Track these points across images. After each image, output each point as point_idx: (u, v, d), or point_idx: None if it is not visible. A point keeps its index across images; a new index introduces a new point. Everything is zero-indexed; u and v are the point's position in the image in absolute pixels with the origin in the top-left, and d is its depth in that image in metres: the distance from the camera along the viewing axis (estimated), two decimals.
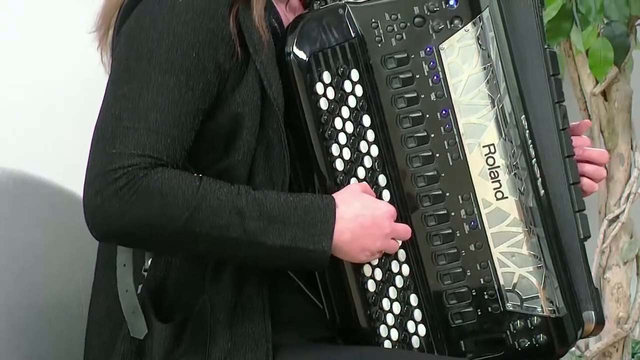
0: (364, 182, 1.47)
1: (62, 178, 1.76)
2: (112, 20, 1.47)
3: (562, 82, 2.71)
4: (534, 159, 1.53)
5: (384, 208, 1.46)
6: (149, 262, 1.47)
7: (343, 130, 1.46)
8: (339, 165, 1.46)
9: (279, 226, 1.39)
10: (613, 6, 2.62)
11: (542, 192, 1.54)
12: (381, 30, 1.46)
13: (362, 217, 1.43)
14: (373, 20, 1.45)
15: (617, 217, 2.78)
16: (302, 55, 1.44)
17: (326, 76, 1.45)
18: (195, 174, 1.40)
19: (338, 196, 1.44)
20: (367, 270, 1.47)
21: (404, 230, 1.47)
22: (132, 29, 1.41)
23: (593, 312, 1.61)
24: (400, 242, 1.48)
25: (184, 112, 1.38)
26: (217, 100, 1.42)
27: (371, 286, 1.47)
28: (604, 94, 2.80)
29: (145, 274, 1.47)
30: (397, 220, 1.47)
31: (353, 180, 1.47)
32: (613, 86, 2.79)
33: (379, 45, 1.46)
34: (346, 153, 1.46)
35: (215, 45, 1.39)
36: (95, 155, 1.38)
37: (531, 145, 1.53)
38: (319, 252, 1.40)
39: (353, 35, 1.46)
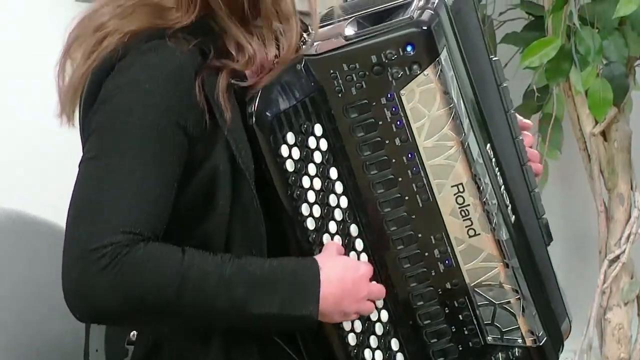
0: (337, 243, 1.48)
1: (61, 217, 1.78)
2: (75, 102, 1.47)
3: (562, 122, 2.77)
4: (502, 187, 1.55)
5: (363, 269, 1.47)
6: (133, 335, 1.47)
7: (311, 187, 1.47)
8: (310, 224, 1.47)
9: (265, 293, 1.39)
10: (612, 47, 2.65)
11: (512, 218, 1.56)
12: (340, 81, 1.45)
13: (343, 280, 1.44)
14: (331, 71, 1.45)
15: (618, 257, 2.78)
16: (264, 120, 1.43)
17: (290, 137, 1.45)
18: (177, 246, 1.38)
19: (319, 259, 1.44)
20: (346, 325, 1.49)
21: (379, 291, 1.49)
22: (100, 107, 1.40)
23: (567, 320, 1.65)
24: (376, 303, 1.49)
25: (161, 184, 1.37)
26: (189, 170, 1.41)
27: (352, 340, 1.49)
28: (604, 134, 2.82)
29: (130, 347, 1.47)
30: (372, 265, 1.49)
31: (325, 236, 1.48)
32: (612, 126, 2.80)
33: (339, 95, 1.46)
34: (316, 210, 1.47)
35: (183, 112, 1.39)
36: (73, 233, 1.35)
37: (499, 174, 1.55)
38: (306, 318, 1.41)
39: (313, 88, 1.46)
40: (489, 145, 1.55)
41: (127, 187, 1.35)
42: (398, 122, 1.47)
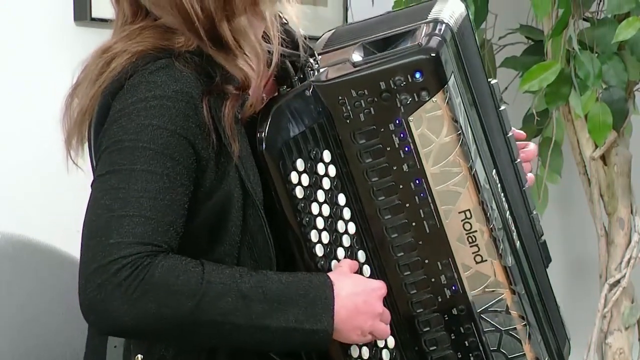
0: (349, 260, 1.48)
1: (61, 242, 1.78)
2: (84, 128, 1.47)
3: (562, 146, 2.77)
4: (507, 212, 1.55)
5: (376, 285, 1.47)
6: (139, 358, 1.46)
7: (320, 214, 1.47)
8: (319, 250, 1.47)
9: (282, 308, 1.39)
10: (611, 71, 2.65)
11: (517, 244, 1.56)
12: (349, 107, 1.46)
13: (355, 295, 1.44)
14: (340, 97, 1.45)
15: (618, 281, 2.77)
16: (274, 146, 1.44)
17: (299, 163, 1.45)
18: (195, 260, 1.38)
19: (331, 275, 1.44)
20: (354, 351, 1.48)
21: (388, 315, 1.49)
22: (110, 127, 1.40)
23: (567, 341, 1.66)
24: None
25: (175, 198, 1.37)
26: (203, 194, 1.42)
27: None
28: (604, 158, 2.81)
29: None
30: None
31: (333, 262, 1.48)
32: (612, 150, 2.80)
33: (348, 121, 1.46)
34: (325, 237, 1.47)
35: (192, 131, 1.39)
36: (90, 248, 1.34)
37: (504, 199, 1.55)
38: (321, 331, 1.40)
39: (321, 115, 1.47)
40: (494, 171, 1.55)
41: (141, 201, 1.35)
42: (406, 148, 1.47)
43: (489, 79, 1.62)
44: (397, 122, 1.46)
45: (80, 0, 2.45)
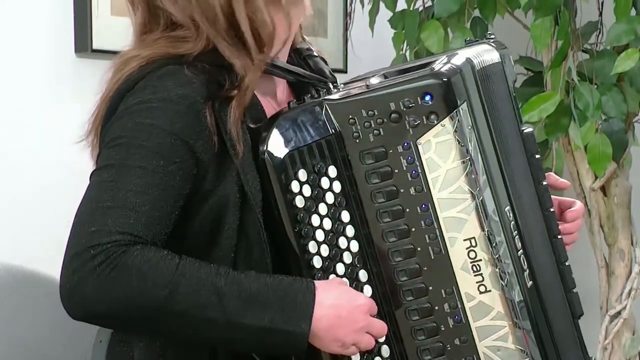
0: (341, 279, 1.48)
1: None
2: (100, 121, 1.51)
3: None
4: (520, 251, 1.54)
5: (362, 300, 1.46)
6: None
7: (320, 227, 1.47)
8: (317, 262, 1.47)
9: (258, 306, 1.39)
10: (611, 103, 2.66)
11: (529, 283, 1.55)
12: (358, 127, 1.47)
13: (339, 307, 1.43)
14: (350, 116, 1.47)
15: (619, 313, 2.77)
16: (277, 154, 1.45)
17: (302, 174, 1.46)
18: (174, 253, 1.40)
19: (317, 282, 1.44)
20: None
21: (380, 327, 1.48)
22: (113, 124, 1.45)
23: None
24: (380, 339, 1.48)
25: (163, 195, 1.40)
26: (201, 197, 1.44)
27: None
28: (603, 189, 2.82)
29: None
30: (379, 315, 1.48)
31: (332, 277, 1.48)
32: (612, 182, 2.80)
33: (357, 141, 1.47)
34: (324, 250, 1.47)
35: (192, 135, 1.43)
36: (73, 235, 1.38)
37: (517, 237, 1.54)
38: (297, 334, 1.40)
39: (330, 131, 1.47)
40: (508, 207, 1.54)
41: (127, 193, 1.38)
42: (413, 172, 1.47)
43: (522, 128, 1.62)
44: (406, 144, 1.47)
45: (81, 31, 2.47)
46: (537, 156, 1.63)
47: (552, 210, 1.63)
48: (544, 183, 1.63)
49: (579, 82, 2.62)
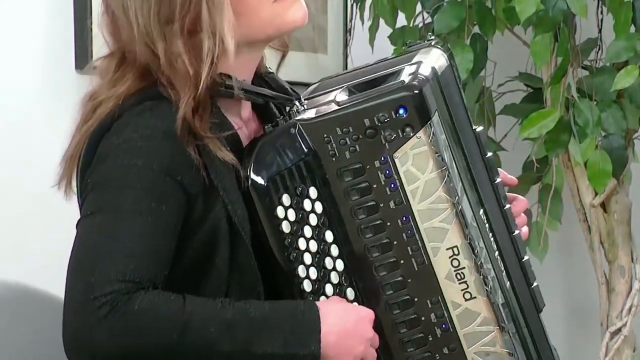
0: (338, 297, 1.49)
1: (60, 289, 1.79)
2: (73, 171, 1.49)
3: (561, 193, 2.78)
4: (496, 252, 1.56)
5: (364, 312, 1.48)
6: None
7: (307, 250, 1.48)
8: (307, 286, 1.48)
9: (267, 333, 1.40)
10: (610, 119, 2.66)
11: (507, 284, 1.56)
12: (334, 145, 1.47)
13: (344, 320, 1.45)
14: (325, 135, 1.47)
15: (620, 329, 2.75)
16: (259, 181, 1.45)
17: (285, 199, 1.47)
18: (177, 294, 1.39)
19: (318, 302, 1.46)
20: None
21: (377, 339, 1.49)
22: (96, 167, 1.43)
23: None
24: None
25: (160, 236, 1.39)
26: (190, 228, 1.44)
27: None
28: (604, 206, 2.81)
29: None
30: None
31: (322, 299, 1.49)
32: (612, 198, 2.80)
33: (333, 159, 1.47)
34: (313, 273, 1.48)
35: (178, 169, 1.41)
36: (73, 286, 1.37)
37: (492, 239, 1.56)
38: (309, 357, 1.41)
39: (306, 152, 1.48)
40: (482, 210, 1.56)
41: (124, 238, 1.37)
42: (392, 185, 1.48)
43: (474, 127, 1.63)
44: (383, 159, 1.47)
45: (82, 47, 2.48)
46: (490, 154, 1.63)
47: (508, 206, 1.63)
48: (498, 180, 1.63)
49: (578, 99, 2.62)
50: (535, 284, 1.63)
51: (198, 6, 1.44)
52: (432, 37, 1.69)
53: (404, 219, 1.48)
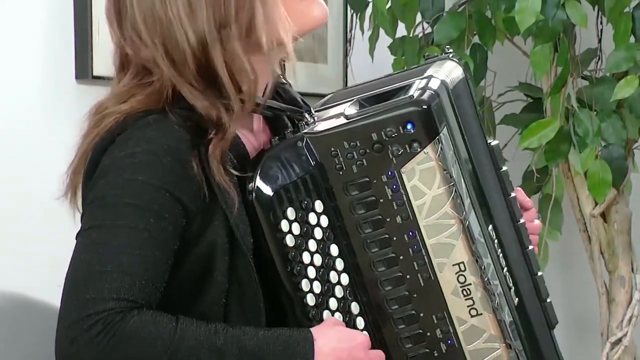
0: (335, 317, 1.48)
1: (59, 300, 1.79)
2: (78, 184, 1.49)
3: (562, 203, 2.77)
4: (505, 269, 1.55)
5: (359, 339, 1.46)
6: None
7: (312, 264, 1.47)
8: (310, 300, 1.47)
9: None
10: (610, 129, 2.66)
11: (516, 300, 1.55)
12: (341, 158, 1.46)
13: (339, 349, 1.43)
14: (332, 149, 1.46)
15: (620, 340, 2.75)
16: (264, 195, 1.44)
17: (290, 212, 1.46)
18: (171, 315, 1.39)
19: (314, 330, 1.44)
20: None
21: (379, 357, 1.48)
22: (97, 181, 1.42)
23: None
24: None
25: (156, 254, 1.38)
26: (188, 244, 1.42)
27: None
28: (604, 216, 2.81)
29: None
30: (372, 346, 1.48)
31: (325, 312, 1.48)
32: (612, 208, 2.80)
33: (340, 172, 1.46)
34: (316, 286, 1.47)
35: (179, 185, 1.40)
36: (68, 302, 1.36)
37: (501, 255, 1.55)
38: None
39: (313, 165, 1.47)
40: (490, 226, 1.55)
41: (120, 256, 1.36)
42: (398, 200, 1.47)
43: (489, 141, 1.63)
44: (390, 173, 1.46)
45: (82, 58, 2.48)
46: (504, 168, 1.63)
47: (522, 221, 1.63)
48: (513, 195, 1.63)
49: (578, 109, 2.63)
50: (548, 300, 1.63)
51: (252, 7, 1.44)
52: (450, 50, 1.68)
53: (410, 234, 1.48)
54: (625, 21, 2.61)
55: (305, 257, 1.47)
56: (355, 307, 1.50)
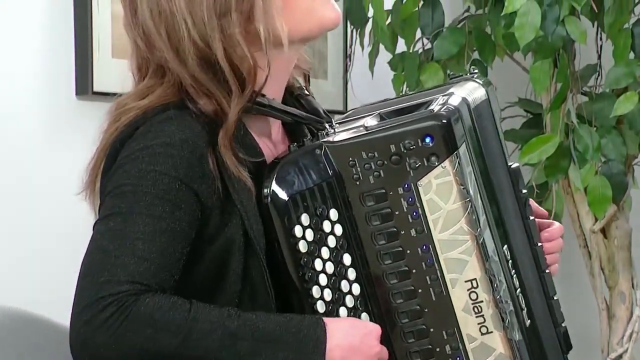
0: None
1: (60, 314, 1.75)
2: (98, 172, 1.50)
3: (562, 219, 2.77)
4: (518, 289, 1.54)
5: (371, 327, 1.47)
6: None
7: (323, 271, 1.47)
8: (320, 307, 1.47)
9: (271, 346, 1.39)
10: (610, 145, 2.67)
11: (528, 322, 1.55)
12: (359, 168, 1.46)
13: (351, 336, 1.44)
14: (350, 158, 1.46)
15: (620, 356, 2.75)
16: (279, 199, 1.45)
17: (304, 218, 1.46)
18: (184, 299, 1.40)
19: (325, 318, 1.45)
20: None
21: (386, 353, 1.49)
22: (116, 172, 1.44)
23: None
24: None
25: (171, 241, 1.39)
26: (205, 240, 1.44)
27: None
28: (604, 232, 2.82)
29: None
30: None
31: None
32: (612, 224, 2.81)
33: (357, 183, 1.47)
34: (327, 294, 1.47)
35: (196, 180, 1.42)
36: (82, 286, 1.38)
37: (515, 276, 1.54)
38: None
39: (330, 174, 1.47)
40: (506, 246, 1.55)
41: (136, 241, 1.38)
42: (414, 213, 1.47)
43: (510, 163, 1.63)
44: (406, 186, 1.46)
45: (82, 73, 2.47)
46: (524, 191, 1.63)
47: (540, 245, 1.63)
48: (532, 218, 1.63)
49: (578, 125, 2.63)
50: (563, 324, 1.62)
51: None
52: (475, 70, 1.68)
53: (424, 247, 1.48)
54: (624, 37, 2.62)
55: (318, 264, 1.47)
56: (365, 318, 1.50)
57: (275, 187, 1.45)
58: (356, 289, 1.49)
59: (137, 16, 1.50)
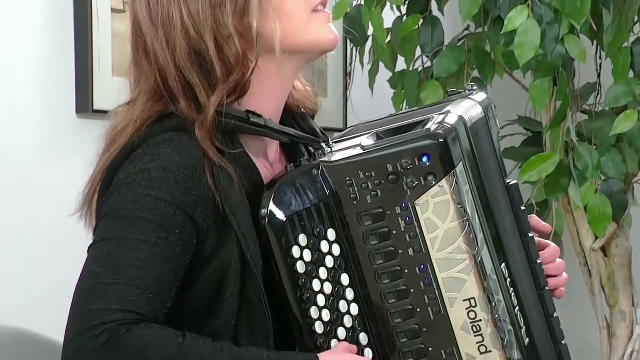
0: (347, 344, 1.47)
1: (59, 333, 1.77)
2: (95, 193, 1.49)
3: (562, 237, 2.77)
4: (517, 308, 1.54)
5: None
6: None
7: (321, 291, 1.46)
8: (319, 328, 1.46)
9: None
10: (610, 163, 2.67)
11: (526, 340, 1.54)
12: (356, 188, 1.46)
13: None
14: (347, 178, 1.46)
15: None
16: (277, 220, 1.44)
17: (302, 239, 1.45)
18: (177, 331, 1.38)
19: (322, 355, 1.44)
20: None
21: None
22: (111, 195, 1.43)
23: None
24: None
25: (165, 268, 1.38)
26: (201, 263, 1.43)
27: None
28: (604, 250, 2.81)
29: None
30: None
31: (333, 342, 1.47)
32: (613, 242, 2.80)
33: (354, 202, 1.47)
34: (325, 315, 1.46)
35: (192, 204, 1.41)
36: (75, 312, 1.36)
37: (513, 294, 1.54)
38: None
39: (328, 194, 1.47)
40: (504, 264, 1.54)
41: (129, 269, 1.37)
42: (412, 233, 1.47)
43: (508, 181, 1.62)
44: (404, 205, 1.46)
45: (82, 92, 2.48)
46: (523, 208, 1.63)
47: (539, 262, 1.63)
48: (530, 235, 1.63)
49: (578, 143, 2.63)
50: (563, 342, 1.62)
51: None
52: (474, 87, 1.68)
53: (422, 267, 1.47)
54: (624, 56, 2.63)
55: (316, 284, 1.46)
56: (364, 338, 1.49)
57: (272, 207, 1.44)
58: (354, 309, 1.49)
59: (135, 2, 1.50)
